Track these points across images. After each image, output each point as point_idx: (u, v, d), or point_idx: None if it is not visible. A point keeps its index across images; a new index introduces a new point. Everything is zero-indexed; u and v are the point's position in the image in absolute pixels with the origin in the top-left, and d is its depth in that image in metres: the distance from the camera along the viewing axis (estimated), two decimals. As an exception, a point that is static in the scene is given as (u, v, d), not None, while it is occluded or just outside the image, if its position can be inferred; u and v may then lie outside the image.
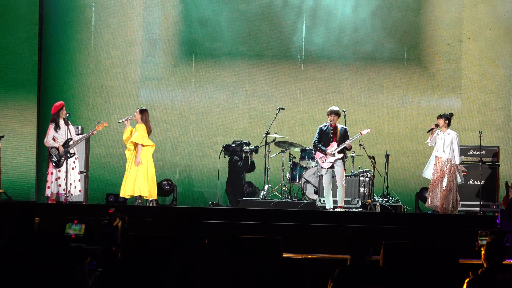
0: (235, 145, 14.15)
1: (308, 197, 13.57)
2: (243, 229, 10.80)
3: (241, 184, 14.06)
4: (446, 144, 12.51)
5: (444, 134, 12.56)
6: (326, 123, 12.47)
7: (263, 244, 7.63)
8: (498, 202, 13.53)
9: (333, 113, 12.29)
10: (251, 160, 14.15)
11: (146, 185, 12.67)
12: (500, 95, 15.21)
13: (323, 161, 12.30)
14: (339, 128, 12.38)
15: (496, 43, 15.16)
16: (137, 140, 12.56)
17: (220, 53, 15.49)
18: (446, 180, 12.47)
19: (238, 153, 14.02)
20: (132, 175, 12.59)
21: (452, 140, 12.53)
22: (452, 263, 7.44)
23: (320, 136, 12.39)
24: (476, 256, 7.70)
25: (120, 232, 5.09)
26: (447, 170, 12.49)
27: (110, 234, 5.08)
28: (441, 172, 12.52)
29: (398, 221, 11.56)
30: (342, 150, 12.32)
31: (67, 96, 14.82)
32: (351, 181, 13.42)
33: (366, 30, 15.27)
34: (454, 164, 12.52)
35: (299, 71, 15.54)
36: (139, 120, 12.81)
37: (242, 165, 14.01)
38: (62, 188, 12.52)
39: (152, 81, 15.43)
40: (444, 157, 12.52)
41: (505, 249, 5.82)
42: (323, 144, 12.32)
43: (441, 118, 12.57)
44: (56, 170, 12.54)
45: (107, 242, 5.05)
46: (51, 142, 12.58)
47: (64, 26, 15.14)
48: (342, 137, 12.34)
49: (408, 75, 15.38)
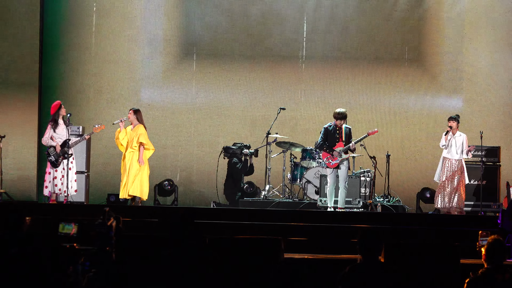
0: (235, 147, 14.15)
1: (309, 197, 13.56)
2: (243, 229, 10.80)
3: (240, 186, 14.03)
4: (458, 145, 12.74)
5: (455, 135, 12.70)
6: (330, 123, 12.45)
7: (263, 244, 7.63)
8: (499, 202, 13.53)
9: (342, 118, 12.26)
10: (250, 163, 14.14)
11: (147, 186, 12.77)
12: (501, 95, 15.20)
13: (330, 161, 12.28)
14: (343, 128, 12.37)
15: (497, 43, 15.15)
16: (145, 140, 12.63)
17: (221, 53, 15.49)
18: (456, 180, 12.61)
19: (238, 156, 14.01)
20: (135, 175, 12.62)
21: (463, 141, 12.75)
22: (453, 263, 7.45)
23: (326, 136, 12.37)
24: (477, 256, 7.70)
25: (114, 232, 5.02)
26: (458, 170, 12.63)
27: (104, 234, 5.01)
28: (451, 173, 12.63)
29: (399, 221, 11.55)
30: (347, 151, 12.33)
31: (67, 96, 14.82)
32: (352, 181, 13.41)
33: (368, 30, 15.26)
34: (464, 165, 12.66)
35: (300, 71, 15.54)
36: (135, 121, 12.81)
37: (241, 167, 14.00)
38: (58, 187, 12.52)
39: (153, 81, 15.43)
40: (456, 158, 12.70)
41: (506, 249, 5.82)
42: (329, 145, 12.30)
43: (454, 120, 12.82)
44: (53, 170, 12.55)
45: (101, 242, 4.97)
46: (49, 141, 12.59)
47: (65, 26, 15.14)
48: (348, 137, 12.35)
49: (409, 75, 15.37)
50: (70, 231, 5.32)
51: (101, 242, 4.95)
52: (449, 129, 12.79)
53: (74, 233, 5.34)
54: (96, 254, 4.90)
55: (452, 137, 12.76)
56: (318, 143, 12.49)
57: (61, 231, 5.38)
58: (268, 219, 11.43)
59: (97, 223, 5.01)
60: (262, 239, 7.97)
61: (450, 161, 12.76)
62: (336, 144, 12.30)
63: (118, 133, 12.81)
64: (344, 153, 12.28)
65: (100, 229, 4.98)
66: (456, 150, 12.74)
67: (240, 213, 11.85)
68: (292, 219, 11.45)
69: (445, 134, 12.80)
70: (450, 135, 12.76)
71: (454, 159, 12.73)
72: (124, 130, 12.75)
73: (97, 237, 4.97)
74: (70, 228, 5.34)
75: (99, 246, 4.94)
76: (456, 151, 12.74)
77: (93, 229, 4.99)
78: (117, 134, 12.83)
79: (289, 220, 11.36)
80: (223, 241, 7.75)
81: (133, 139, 12.70)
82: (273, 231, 10.73)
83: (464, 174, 12.73)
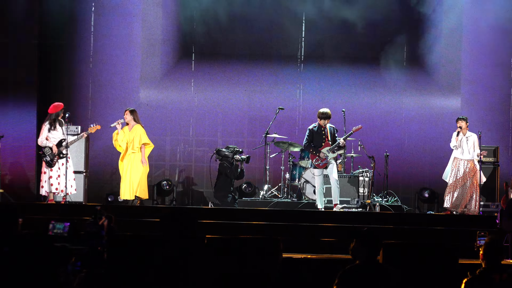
0: (227, 151, 14.09)
1: (308, 197, 13.57)
2: (243, 229, 10.81)
3: (229, 190, 13.95)
4: (470, 145, 12.73)
5: (466, 135, 12.74)
6: (315, 124, 12.49)
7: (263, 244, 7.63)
8: (497, 202, 13.55)
9: (327, 118, 12.31)
10: (240, 168, 14.13)
11: (146, 185, 12.84)
12: (499, 95, 15.21)
13: (319, 162, 12.33)
14: (328, 127, 12.41)
15: (496, 44, 15.16)
16: (147, 141, 12.70)
17: (220, 53, 15.50)
18: (469, 184, 12.61)
19: (229, 160, 13.97)
20: (139, 176, 12.68)
21: (474, 141, 12.78)
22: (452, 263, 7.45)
23: (311, 137, 12.42)
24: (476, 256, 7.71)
25: (106, 231, 4.92)
26: (470, 172, 12.64)
27: (96, 234, 4.90)
28: (463, 174, 12.63)
29: (397, 221, 11.56)
30: (335, 149, 12.35)
31: (66, 96, 14.81)
32: (351, 181, 13.43)
33: (366, 30, 15.26)
34: (477, 165, 12.66)
35: (299, 71, 15.55)
36: (132, 121, 12.83)
37: (230, 172, 13.95)
38: (54, 187, 12.52)
39: (151, 81, 15.43)
40: (466, 158, 12.69)
41: (503, 249, 5.83)
42: (316, 145, 12.35)
43: (463, 120, 12.83)
44: (49, 170, 12.55)
45: (93, 242, 4.86)
46: (44, 142, 12.59)
47: (63, 26, 15.13)
48: (333, 137, 12.39)
49: (408, 75, 15.38)
50: (61, 230, 5.20)
51: (93, 242, 4.84)
52: (459, 129, 12.79)
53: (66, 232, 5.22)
54: (87, 254, 4.79)
55: (462, 137, 12.78)
56: (304, 144, 12.55)
57: (53, 230, 5.27)
58: (267, 219, 11.44)
59: (88, 222, 4.91)
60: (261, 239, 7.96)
61: (461, 162, 12.76)
62: (323, 144, 12.34)
63: (116, 135, 12.82)
64: (332, 152, 12.31)
65: (92, 228, 4.87)
66: (468, 150, 12.75)
67: (239, 213, 11.86)
68: (291, 219, 11.46)
69: (456, 135, 12.81)
70: (461, 135, 12.78)
71: (466, 160, 12.74)
72: (122, 131, 12.76)
73: (88, 236, 4.86)
74: (62, 228, 5.22)
75: (90, 246, 4.83)
76: (469, 151, 12.74)
77: (84, 229, 4.89)
78: (115, 136, 12.84)
79: (288, 220, 11.37)
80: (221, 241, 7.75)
81: (134, 140, 12.71)
82: (272, 231, 10.74)
83: (477, 176, 12.69)
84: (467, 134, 12.82)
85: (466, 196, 12.65)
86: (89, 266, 4.69)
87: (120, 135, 12.74)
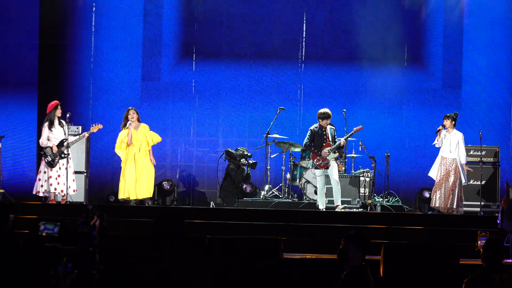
0: (237, 153, 14.11)
1: (309, 197, 13.56)
2: (243, 229, 10.80)
3: (233, 192, 13.95)
4: (453, 144, 12.55)
5: (451, 134, 12.61)
6: (316, 125, 12.49)
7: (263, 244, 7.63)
8: (498, 202, 13.53)
9: (327, 117, 12.31)
10: (246, 172, 14.15)
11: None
12: (500, 95, 15.20)
13: (320, 162, 12.33)
14: (328, 128, 12.41)
15: (497, 43, 15.15)
16: (158, 138, 12.96)
17: (221, 53, 15.50)
18: (451, 180, 12.51)
19: (237, 162, 14.00)
20: (148, 175, 12.78)
21: (459, 140, 12.58)
22: (452, 264, 7.44)
23: (312, 138, 12.41)
24: (477, 256, 7.71)
25: (98, 231, 4.80)
26: (453, 170, 12.52)
27: (87, 234, 4.78)
28: (446, 172, 12.54)
29: (398, 221, 11.55)
30: (335, 150, 12.35)
31: (67, 96, 14.81)
32: (352, 181, 13.42)
33: (367, 30, 15.26)
34: (459, 164, 12.55)
35: (300, 71, 15.54)
36: (137, 120, 12.88)
37: (235, 174, 13.96)
38: (53, 187, 12.52)
39: (152, 81, 15.43)
40: (451, 157, 12.56)
41: (504, 249, 5.82)
42: (317, 146, 12.35)
43: (448, 118, 12.62)
44: (49, 170, 12.55)
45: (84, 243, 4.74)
46: (46, 142, 12.59)
47: (64, 26, 15.13)
48: (333, 137, 12.40)
49: (408, 74, 15.37)
50: (52, 230, 5.09)
51: (84, 242, 4.72)
52: (441, 127, 12.69)
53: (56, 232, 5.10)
54: (78, 255, 4.67)
55: (445, 135, 12.66)
56: (304, 143, 12.55)
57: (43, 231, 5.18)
58: (268, 219, 11.43)
59: (79, 222, 4.80)
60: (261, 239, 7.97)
61: (443, 160, 12.68)
62: (324, 145, 12.34)
63: (125, 137, 12.80)
64: (333, 152, 12.31)
65: (83, 228, 4.76)
66: (450, 148, 12.64)
67: (240, 213, 11.85)
68: (291, 219, 11.45)
69: (435, 132, 12.72)
70: (443, 134, 12.66)
71: (449, 158, 12.65)
72: (135, 132, 12.82)
73: (80, 237, 4.74)
74: (52, 228, 5.11)
75: (81, 247, 4.71)
76: (451, 150, 12.60)
77: (75, 229, 4.79)
78: (124, 138, 12.82)
79: (289, 220, 11.36)
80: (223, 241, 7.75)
81: (143, 139, 12.78)
82: (273, 231, 10.73)
83: (460, 174, 12.58)
84: (452, 132, 12.67)
85: (447, 194, 12.54)
86: (81, 267, 4.59)
87: (133, 135, 12.76)
